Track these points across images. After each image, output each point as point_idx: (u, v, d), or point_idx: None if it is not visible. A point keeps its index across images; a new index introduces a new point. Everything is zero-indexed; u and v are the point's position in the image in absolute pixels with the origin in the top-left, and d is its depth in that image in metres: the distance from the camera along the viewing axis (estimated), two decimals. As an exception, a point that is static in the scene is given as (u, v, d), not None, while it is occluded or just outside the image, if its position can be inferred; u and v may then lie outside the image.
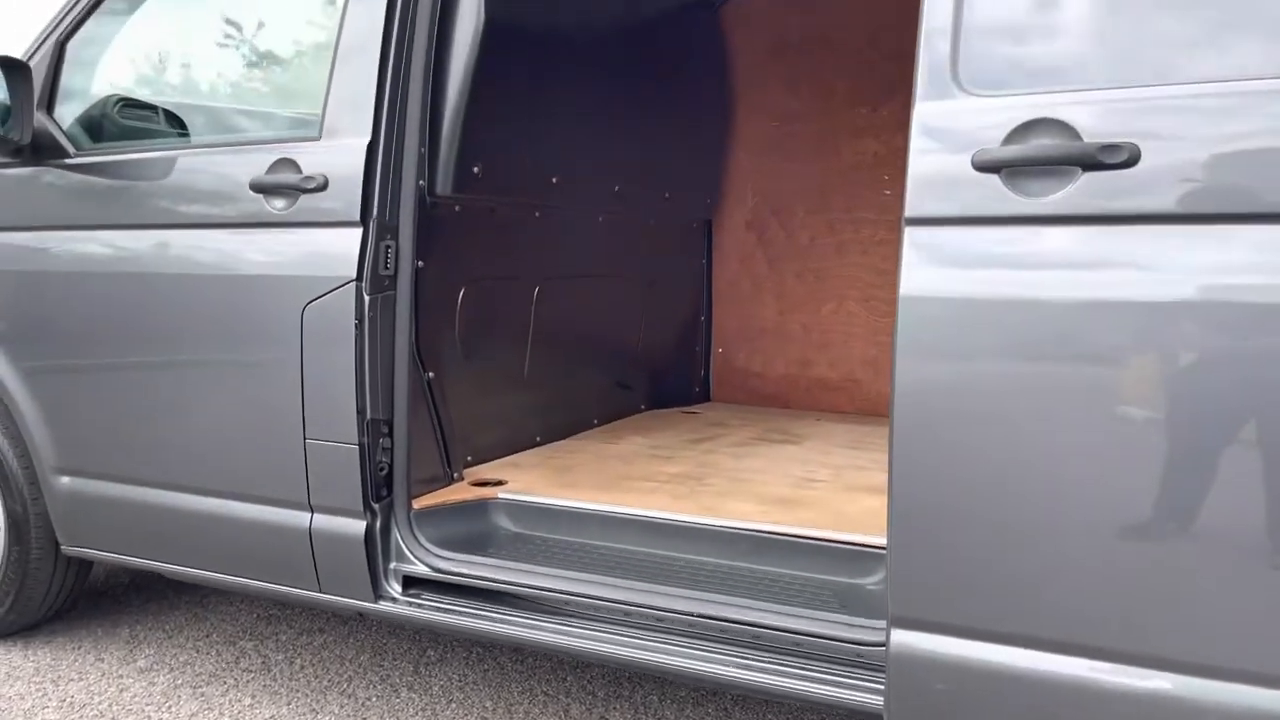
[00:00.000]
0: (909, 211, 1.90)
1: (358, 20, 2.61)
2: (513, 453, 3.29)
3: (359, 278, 2.52)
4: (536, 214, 3.31)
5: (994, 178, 1.84)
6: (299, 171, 2.62)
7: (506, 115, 3.00)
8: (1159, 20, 1.80)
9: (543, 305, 3.39)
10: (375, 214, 2.56)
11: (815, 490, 2.92)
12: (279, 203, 2.65)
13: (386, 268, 2.58)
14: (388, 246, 2.60)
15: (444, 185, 2.79)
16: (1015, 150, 1.82)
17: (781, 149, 4.36)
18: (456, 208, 2.92)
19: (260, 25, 3.17)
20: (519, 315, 3.33)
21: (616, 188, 3.65)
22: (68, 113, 3.13)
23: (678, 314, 4.40)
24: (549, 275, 3.42)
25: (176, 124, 3.19)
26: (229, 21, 3.16)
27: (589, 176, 3.50)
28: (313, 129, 2.68)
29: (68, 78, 3.14)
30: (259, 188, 2.66)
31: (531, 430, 3.45)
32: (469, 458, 3.08)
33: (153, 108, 3.20)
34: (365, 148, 2.56)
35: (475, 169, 2.87)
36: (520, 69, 3.02)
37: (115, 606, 3.67)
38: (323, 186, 2.61)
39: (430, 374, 2.84)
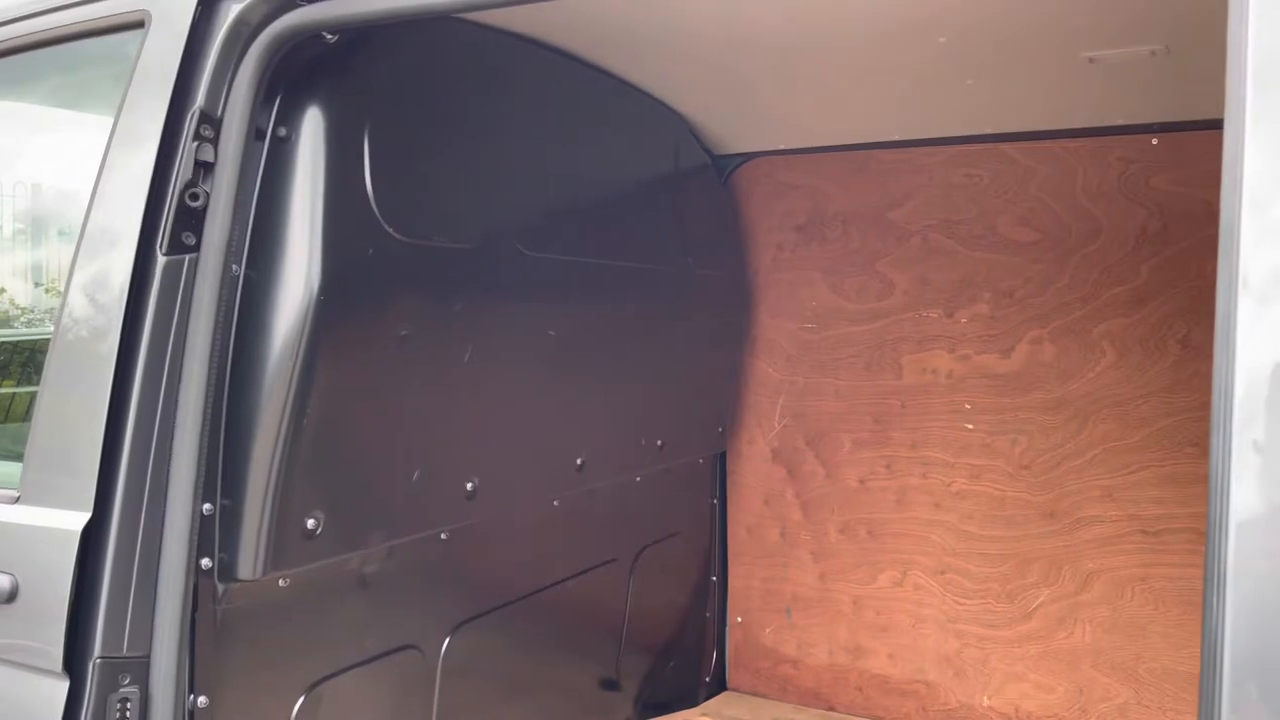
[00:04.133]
0: None
1: (80, 306, 1.50)
2: None
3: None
4: (443, 536, 2.14)
5: None
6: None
7: (372, 421, 1.85)
8: None
9: (459, 660, 2.21)
10: (98, 650, 1.41)
11: None
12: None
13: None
14: (123, 703, 1.44)
15: (254, 563, 1.63)
16: None
17: (820, 360, 3.20)
18: (280, 584, 1.75)
19: None
20: (413, 698, 2.13)
21: (579, 460, 2.48)
22: None
23: (680, 578, 3.20)
24: (467, 617, 2.24)
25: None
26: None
27: (532, 463, 2.34)
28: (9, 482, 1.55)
29: None
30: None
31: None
32: None
33: None
34: (81, 530, 1.42)
35: (311, 522, 1.72)
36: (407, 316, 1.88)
37: None
38: (9, 596, 1.47)
39: None
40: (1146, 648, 2.81)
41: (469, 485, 2.10)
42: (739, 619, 3.38)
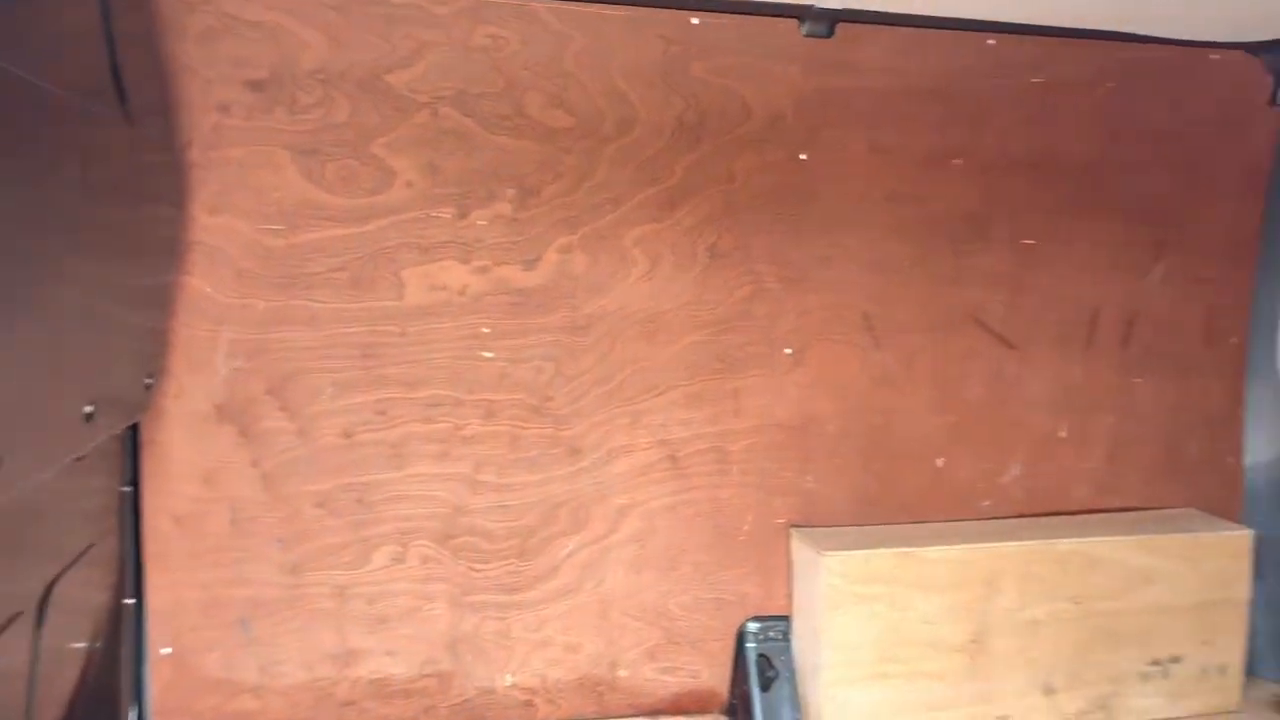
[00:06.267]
0: None
1: None
2: None
3: None
4: None
5: None
6: None
7: None
8: None
9: None
10: None
11: None
12: None
13: None
14: None
15: None
16: None
17: (287, 276, 2.32)
18: None
19: None
20: None
21: None
22: None
23: (90, 613, 2.07)
24: None
25: None
26: None
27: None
28: None
29: None
30: None
31: None
32: None
33: None
34: None
35: None
36: None
37: None
38: None
39: None
40: (677, 581, 2.61)
41: None
42: (167, 649, 2.35)
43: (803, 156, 2.54)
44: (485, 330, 2.43)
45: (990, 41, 2.57)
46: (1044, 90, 2.65)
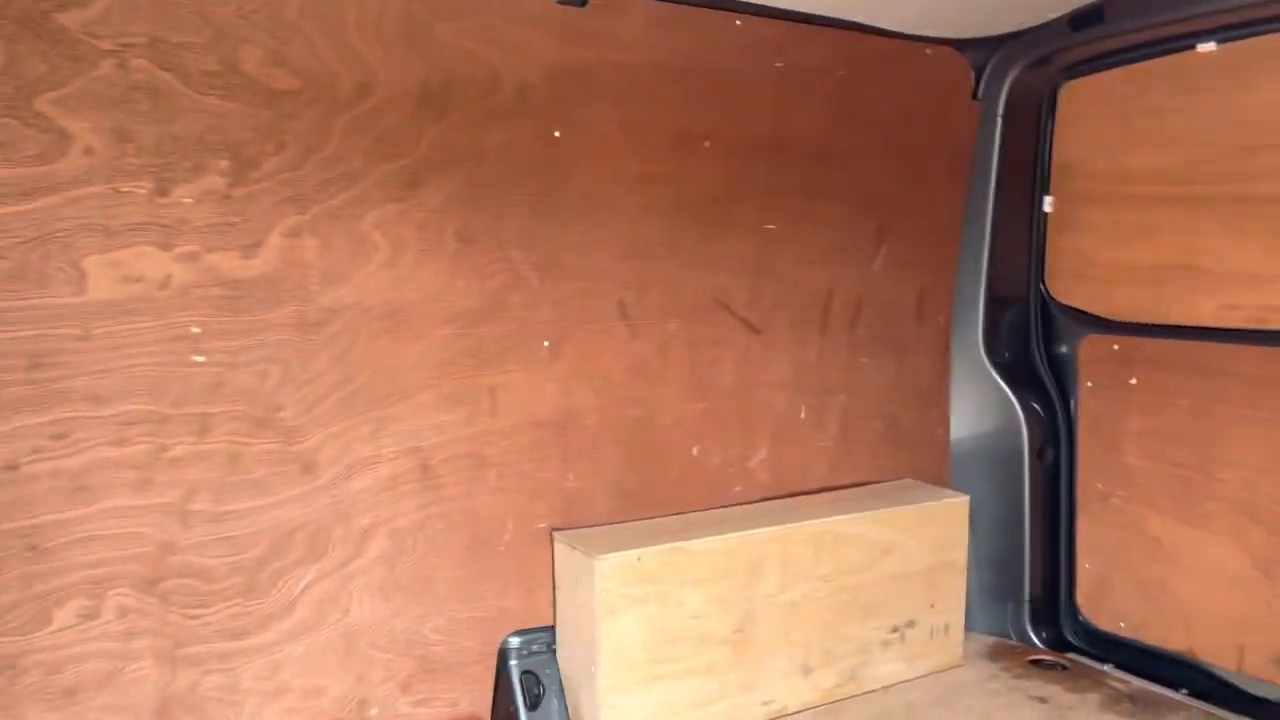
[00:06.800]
0: None
1: None
2: None
3: None
4: None
5: None
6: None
7: None
8: None
9: None
10: None
11: None
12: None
13: None
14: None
15: None
16: None
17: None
18: None
19: None
20: None
21: None
22: None
23: None
24: None
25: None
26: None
27: None
28: None
29: None
30: None
31: None
32: None
33: None
34: None
35: None
36: None
37: None
38: None
39: None
40: (432, 603, 2.35)
41: None
42: None
43: (556, 133, 2.36)
44: (195, 330, 2.02)
45: (738, 22, 2.53)
46: (785, 74, 2.65)
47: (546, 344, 2.42)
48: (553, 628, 2.49)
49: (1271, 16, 2.47)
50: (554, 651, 2.48)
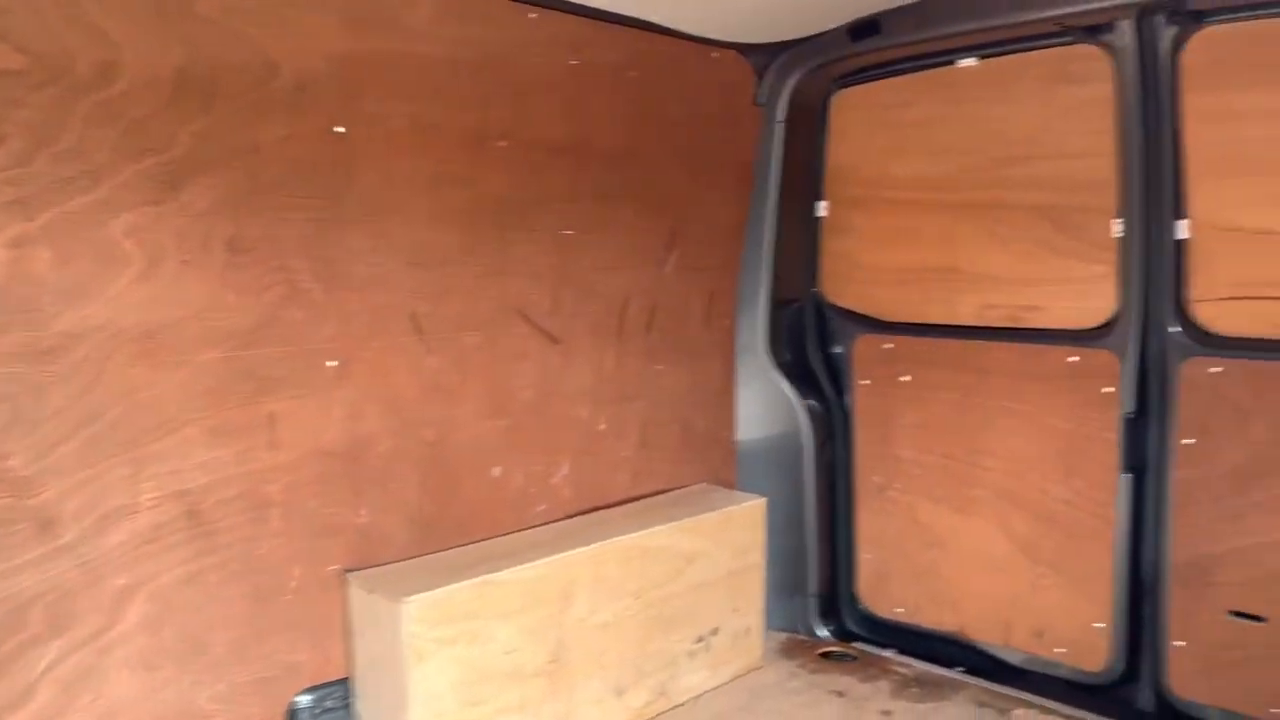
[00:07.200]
0: None
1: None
2: None
3: None
4: None
5: None
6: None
7: None
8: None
9: None
10: None
11: None
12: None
13: None
14: None
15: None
16: None
17: None
18: None
19: None
20: None
21: None
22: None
23: None
24: None
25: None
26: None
27: None
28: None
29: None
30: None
31: None
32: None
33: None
34: None
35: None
36: None
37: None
38: None
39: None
40: (206, 669, 2.04)
41: None
42: None
43: (340, 129, 2.11)
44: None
45: (532, 15, 2.38)
46: (580, 73, 2.53)
47: (332, 364, 2.17)
48: (347, 680, 2.24)
49: (1029, 35, 2.64)
50: (348, 707, 2.23)
